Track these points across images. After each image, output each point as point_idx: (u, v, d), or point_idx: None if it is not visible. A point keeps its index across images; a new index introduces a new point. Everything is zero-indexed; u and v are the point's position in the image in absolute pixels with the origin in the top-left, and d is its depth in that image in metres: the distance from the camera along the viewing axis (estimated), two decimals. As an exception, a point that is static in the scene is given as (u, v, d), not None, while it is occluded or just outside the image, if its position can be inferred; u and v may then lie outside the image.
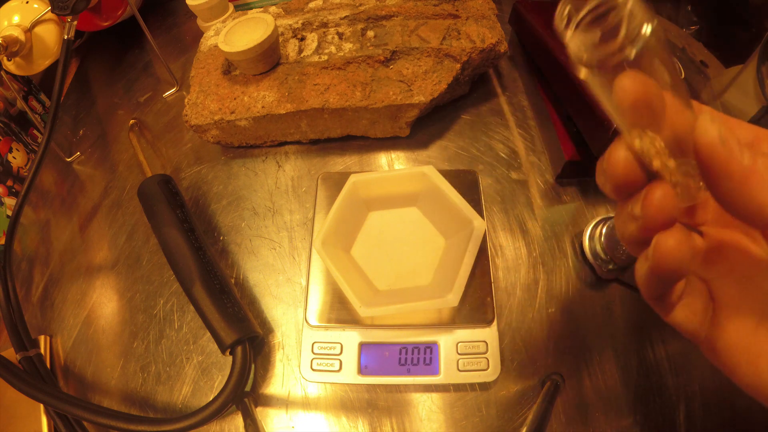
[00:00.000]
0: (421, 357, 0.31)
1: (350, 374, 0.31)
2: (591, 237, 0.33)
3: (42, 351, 0.35)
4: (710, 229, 0.19)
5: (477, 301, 0.32)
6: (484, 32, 0.38)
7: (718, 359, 0.18)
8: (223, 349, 0.30)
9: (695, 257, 0.19)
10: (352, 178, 0.33)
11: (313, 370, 0.31)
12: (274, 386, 0.32)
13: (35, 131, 0.50)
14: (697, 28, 0.47)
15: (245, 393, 0.31)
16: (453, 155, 0.40)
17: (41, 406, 0.33)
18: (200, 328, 0.35)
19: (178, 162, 0.44)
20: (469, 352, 0.31)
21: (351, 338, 0.32)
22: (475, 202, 0.35)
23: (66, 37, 0.39)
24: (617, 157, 0.16)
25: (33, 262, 0.41)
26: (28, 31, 0.42)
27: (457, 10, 0.40)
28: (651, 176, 0.16)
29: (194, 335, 0.35)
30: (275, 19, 0.40)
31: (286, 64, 0.39)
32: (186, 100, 0.40)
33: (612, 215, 0.35)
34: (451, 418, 0.30)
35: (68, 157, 0.47)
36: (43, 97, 0.53)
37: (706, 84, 0.44)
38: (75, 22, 0.39)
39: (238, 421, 0.31)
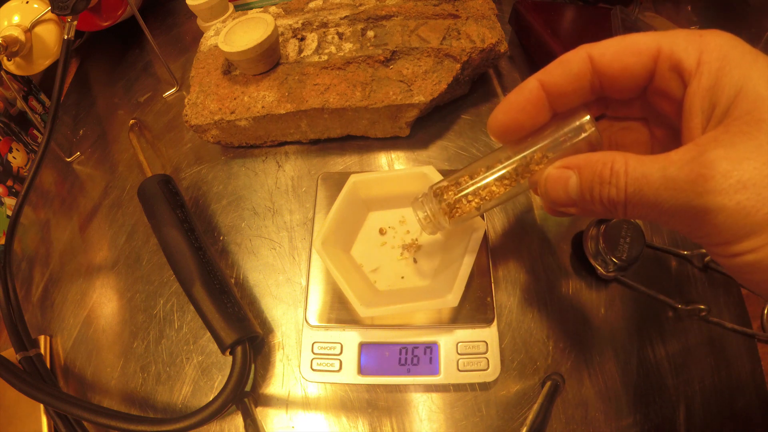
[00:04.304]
0: (421, 357, 0.31)
1: (350, 374, 0.31)
2: (591, 237, 0.33)
3: (42, 351, 0.35)
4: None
5: (477, 301, 0.32)
6: (484, 32, 0.38)
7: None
8: (223, 349, 0.30)
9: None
10: (352, 178, 0.33)
11: (313, 370, 0.31)
12: (274, 386, 0.32)
13: (35, 131, 0.50)
14: (697, 28, 0.47)
15: (245, 393, 0.31)
16: (453, 155, 0.40)
17: (41, 406, 0.33)
18: (200, 328, 0.35)
19: (178, 162, 0.44)
20: (469, 352, 0.31)
21: (351, 338, 0.32)
22: (475, 202, 0.35)
23: (66, 37, 0.39)
24: None
25: (33, 262, 0.41)
26: (28, 31, 0.42)
27: (457, 10, 0.40)
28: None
29: (194, 335, 0.35)
30: (275, 19, 0.40)
31: (286, 64, 0.39)
32: (186, 100, 0.40)
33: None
34: (451, 418, 0.30)
35: (68, 157, 0.47)
36: (43, 97, 0.53)
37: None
38: (75, 22, 0.39)
39: (238, 421, 0.31)
